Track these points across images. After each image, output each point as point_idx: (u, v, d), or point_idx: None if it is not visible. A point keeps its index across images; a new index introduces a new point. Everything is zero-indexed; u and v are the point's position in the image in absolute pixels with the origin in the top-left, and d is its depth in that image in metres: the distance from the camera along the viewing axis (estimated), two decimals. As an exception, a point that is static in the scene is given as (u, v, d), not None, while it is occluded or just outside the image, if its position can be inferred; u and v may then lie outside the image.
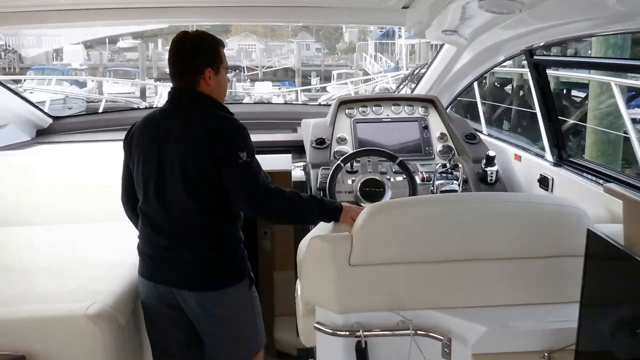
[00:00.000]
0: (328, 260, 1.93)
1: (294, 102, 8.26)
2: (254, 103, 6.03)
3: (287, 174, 3.54)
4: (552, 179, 3.00)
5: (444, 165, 3.29)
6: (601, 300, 1.58)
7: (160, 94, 19.81)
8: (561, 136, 3.03)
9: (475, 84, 4.68)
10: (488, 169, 3.29)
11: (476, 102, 5.20)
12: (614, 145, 10.06)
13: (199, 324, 2.36)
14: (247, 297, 2.40)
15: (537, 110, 3.76)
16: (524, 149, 3.49)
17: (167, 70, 2.40)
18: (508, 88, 21.74)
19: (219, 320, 2.34)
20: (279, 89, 31.02)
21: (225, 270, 2.32)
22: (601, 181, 2.64)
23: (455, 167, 3.30)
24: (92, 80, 26.80)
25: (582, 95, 17.33)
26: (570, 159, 2.96)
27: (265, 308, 2.55)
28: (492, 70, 3.89)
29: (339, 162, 3.15)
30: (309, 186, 3.36)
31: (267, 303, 4.38)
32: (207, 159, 2.19)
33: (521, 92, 19.12)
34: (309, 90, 26.99)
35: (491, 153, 3.28)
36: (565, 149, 3.01)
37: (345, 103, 3.87)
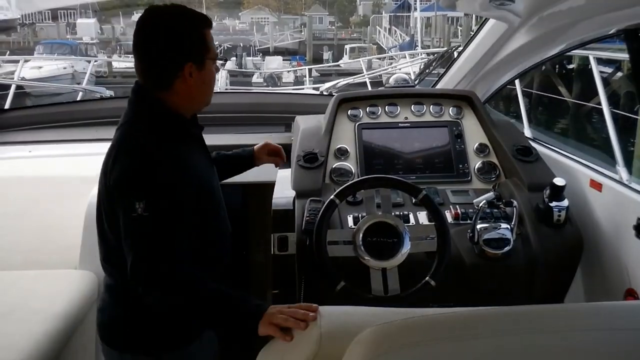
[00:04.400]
0: None
1: (290, 92, 7.20)
2: (243, 92, 5.12)
3: (269, 187, 2.63)
4: (662, 231, 1.97)
5: (491, 203, 2.24)
6: None
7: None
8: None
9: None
10: (555, 204, 2.25)
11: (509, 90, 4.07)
12: None
13: None
14: None
15: (605, 111, 2.74)
16: (605, 171, 2.42)
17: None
18: (567, 70, 18.88)
19: None
20: (290, 63, 30.23)
21: (112, 327, 1.82)
22: None
23: (508, 204, 2.26)
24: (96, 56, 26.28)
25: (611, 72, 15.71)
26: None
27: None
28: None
29: (332, 197, 2.13)
30: (296, 221, 2.34)
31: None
32: (104, 197, 1.70)
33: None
34: (322, 65, 26.12)
35: (560, 182, 2.24)
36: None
37: (347, 101, 2.83)
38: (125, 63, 27.58)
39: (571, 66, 18.44)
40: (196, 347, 1.83)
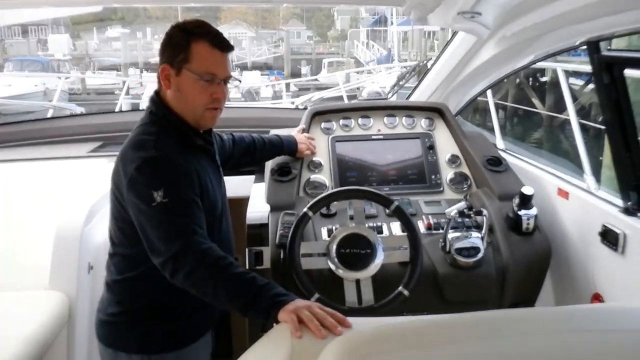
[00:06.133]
0: None
1: (266, 106, 7.22)
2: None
3: (243, 202, 2.61)
4: (624, 235, 2.01)
5: (462, 213, 2.28)
6: None
7: (146, 86, 19.35)
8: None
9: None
10: (523, 212, 2.29)
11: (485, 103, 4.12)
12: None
13: None
14: None
15: (573, 121, 2.80)
16: (572, 179, 2.48)
17: (155, 60, 1.83)
18: (540, 83, 19.13)
19: None
20: (268, 78, 30.24)
21: (109, 325, 1.87)
22: None
23: (478, 213, 2.30)
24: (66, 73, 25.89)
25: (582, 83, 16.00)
26: (657, 209, 1.96)
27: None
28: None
29: (305, 209, 2.15)
30: (270, 235, 2.35)
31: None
32: (114, 192, 1.79)
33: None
34: (300, 79, 26.14)
35: (528, 190, 2.28)
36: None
37: (320, 114, 2.86)
38: (99, 80, 27.29)
39: (544, 79, 18.77)
40: (189, 351, 1.86)
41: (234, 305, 1.64)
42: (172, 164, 1.71)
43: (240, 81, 1.93)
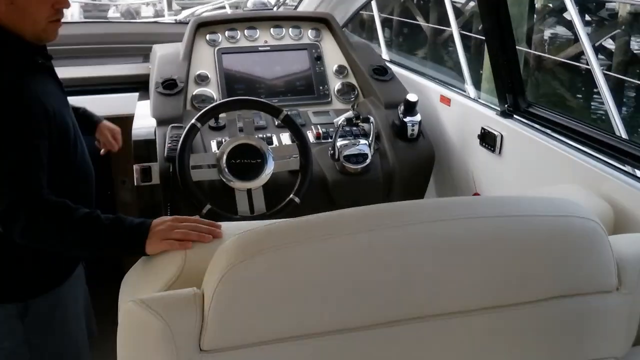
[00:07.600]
0: (160, 345, 0.97)
1: (147, 21, 6.83)
2: (97, 22, 4.70)
3: (128, 120, 2.48)
4: (501, 137, 2.14)
5: (349, 120, 2.31)
6: None
7: None
8: (518, 75, 2.12)
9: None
10: (408, 119, 2.37)
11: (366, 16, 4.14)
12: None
13: None
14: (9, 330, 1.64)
15: (454, 31, 2.88)
16: (454, 87, 2.58)
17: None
18: (424, 1, 19.61)
19: None
20: (148, -4, 28.49)
21: None
22: (580, 146, 1.83)
23: (365, 120, 2.34)
24: None
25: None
26: (531, 110, 2.08)
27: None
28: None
29: (193, 120, 2.09)
30: (158, 150, 2.28)
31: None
32: None
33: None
34: (182, -1, 24.86)
35: (412, 97, 2.35)
36: (524, 95, 2.12)
37: (205, 25, 2.74)
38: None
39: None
40: (65, 287, 1.72)
41: (86, 251, 1.50)
42: (8, 100, 1.45)
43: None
